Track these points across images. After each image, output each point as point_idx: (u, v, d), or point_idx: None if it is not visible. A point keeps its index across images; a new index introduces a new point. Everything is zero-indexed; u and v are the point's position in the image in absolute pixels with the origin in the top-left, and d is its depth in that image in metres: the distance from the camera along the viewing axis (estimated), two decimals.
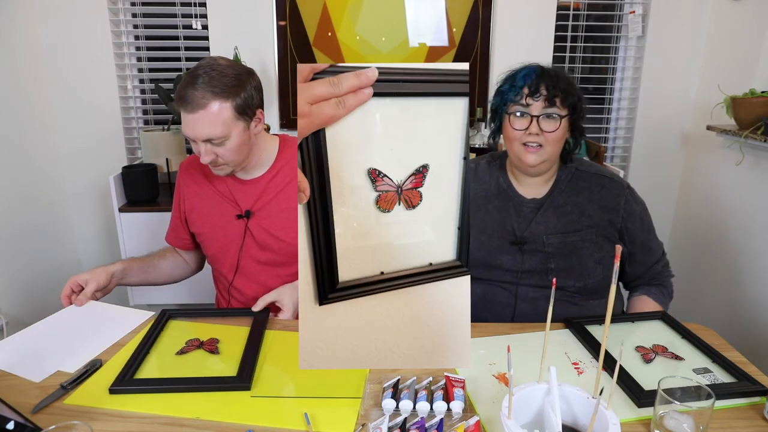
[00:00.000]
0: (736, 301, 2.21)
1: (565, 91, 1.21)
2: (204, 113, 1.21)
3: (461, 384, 0.98)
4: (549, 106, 1.20)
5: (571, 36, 2.55)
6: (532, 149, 1.22)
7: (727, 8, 2.30)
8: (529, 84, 1.21)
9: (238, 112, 1.23)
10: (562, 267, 1.26)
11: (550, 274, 1.26)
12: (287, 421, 0.91)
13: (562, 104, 1.21)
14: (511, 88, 1.23)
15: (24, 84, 2.22)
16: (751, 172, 2.12)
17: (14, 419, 0.82)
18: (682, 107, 2.55)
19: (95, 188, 2.51)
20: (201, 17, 2.40)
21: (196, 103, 1.20)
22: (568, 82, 1.23)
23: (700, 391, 0.86)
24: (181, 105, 1.21)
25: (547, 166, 1.27)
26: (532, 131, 1.20)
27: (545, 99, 1.20)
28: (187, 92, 1.20)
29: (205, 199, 1.42)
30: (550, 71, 1.23)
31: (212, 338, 1.15)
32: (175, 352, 1.11)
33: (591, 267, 1.27)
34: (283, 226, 1.36)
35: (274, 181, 1.37)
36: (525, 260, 1.28)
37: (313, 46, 2.42)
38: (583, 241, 1.27)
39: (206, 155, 1.26)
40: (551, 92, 1.19)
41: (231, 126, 1.24)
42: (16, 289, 2.10)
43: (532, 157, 1.22)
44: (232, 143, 1.25)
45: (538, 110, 1.20)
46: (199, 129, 1.22)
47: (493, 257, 1.29)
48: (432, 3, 2.41)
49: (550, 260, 1.27)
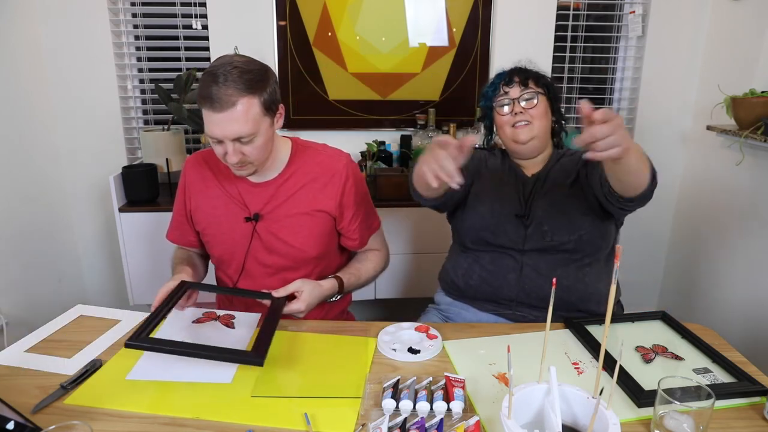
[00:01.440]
0: (736, 301, 2.21)
1: (536, 76, 1.41)
2: (233, 111, 1.16)
3: (461, 384, 0.98)
4: (525, 88, 1.38)
5: (571, 36, 2.55)
6: (521, 126, 1.37)
7: (727, 8, 2.30)
8: (503, 77, 1.42)
9: (265, 108, 1.21)
10: (556, 225, 1.35)
11: (547, 236, 1.35)
12: (287, 421, 0.91)
13: (536, 85, 1.39)
14: (491, 86, 1.44)
15: (24, 84, 2.22)
16: (751, 172, 2.12)
17: (14, 419, 0.83)
18: (682, 107, 2.55)
19: (95, 188, 2.51)
20: (201, 17, 2.40)
21: (225, 101, 1.15)
22: (538, 72, 1.43)
23: (700, 391, 0.87)
24: (208, 104, 1.16)
25: (537, 143, 1.40)
26: (517, 110, 1.37)
27: (519, 83, 1.39)
28: (212, 91, 1.15)
29: (212, 198, 1.39)
30: (520, 66, 1.44)
31: (228, 314, 1.16)
32: (191, 320, 1.11)
33: (580, 218, 1.34)
34: (292, 231, 1.35)
35: (285, 186, 1.35)
36: (527, 233, 1.37)
37: (313, 46, 2.42)
38: (566, 197, 1.37)
39: (234, 155, 1.21)
40: (523, 77, 1.39)
41: (259, 123, 1.20)
42: (16, 289, 2.10)
43: (522, 132, 1.37)
44: (260, 140, 1.22)
45: (516, 93, 1.38)
46: (229, 128, 1.18)
47: (502, 226, 1.39)
48: (432, 3, 2.41)
49: (543, 224, 1.36)
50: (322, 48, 2.43)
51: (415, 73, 2.48)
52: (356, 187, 1.39)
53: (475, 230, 1.42)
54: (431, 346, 1.13)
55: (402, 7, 2.40)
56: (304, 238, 1.34)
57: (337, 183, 1.36)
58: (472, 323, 1.26)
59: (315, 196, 1.36)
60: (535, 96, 1.37)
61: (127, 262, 2.19)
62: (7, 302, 2.03)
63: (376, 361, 1.10)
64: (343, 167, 1.37)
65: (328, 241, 1.41)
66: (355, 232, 1.42)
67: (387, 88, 2.50)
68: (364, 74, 2.47)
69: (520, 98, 1.37)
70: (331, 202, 1.36)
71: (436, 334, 1.17)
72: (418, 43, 2.45)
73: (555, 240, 1.34)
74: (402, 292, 2.30)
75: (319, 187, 1.36)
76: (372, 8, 2.38)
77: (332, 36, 2.41)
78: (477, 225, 1.42)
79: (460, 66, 2.48)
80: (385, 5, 2.39)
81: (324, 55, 2.44)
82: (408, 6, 2.40)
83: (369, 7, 2.38)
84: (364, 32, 2.42)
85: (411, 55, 2.46)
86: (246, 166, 1.26)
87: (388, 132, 2.53)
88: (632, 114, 2.63)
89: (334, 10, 2.38)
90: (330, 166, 1.37)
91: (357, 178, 1.40)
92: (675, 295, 2.67)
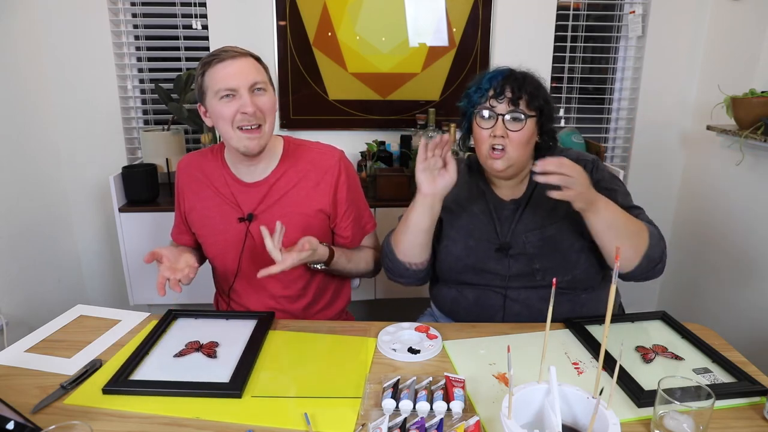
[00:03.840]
0: (736, 301, 2.21)
1: (531, 93, 1.21)
2: (247, 60, 1.24)
3: (461, 384, 0.98)
4: (514, 108, 1.20)
5: (571, 36, 2.55)
6: (496, 155, 1.22)
7: (727, 8, 2.30)
8: (494, 86, 1.22)
9: (269, 76, 1.29)
10: (548, 265, 1.26)
11: (537, 275, 1.26)
12: (287, 421, 0.91)
13: (527, 106, 1.21)
14: (477, 90, 1.25)
15: (24, 84, 2.22)
16: (751, 172, 2.12)
17: (14, 419, 0.82)
18: (682, 107, 2.55)
19: (95, 188, 2.51)
20: (201, 17, 2.40)
21: (238, 52, 1.24)
22: (535, 85, 1.23)
23: (700, 391, 0.86)
24: (218, 60, 1.22)
25: (514, 170, 1.26)
26: (497, 133, 1.20)
27: (509, 101, 1.20)
28: (221, 51, 1.23)
29: (204, 199, 1.39)
30: (517, 74, 1.23)
31: (212, 341, 1.15)
32: (173, 354, 1.11)
33: (574, 258, 1.26)
34: (286, 230, 1.35)
35: (278, 185, 1.35)
36: (512, 265, 1.28)
37: (313, 46, 2.42)
38: (560, 233, 1.26)
39: (251, 105, 1.22)
40: (516, 94, 1.20)
41: (268, 82, 1.28)
42: (16, 289, 2.10)
43: (497, 163, 1.22)
44: (271, 98, 1.28)
45: (503, 110, 1.21)
46: (245, 74, 1.22)
47: (482, 262, 1.29)
48: (432, 3, 2.41)
49: (534, 261, 1.26)
50: (322, 48, 2.43)
51: (415, 73, 2.48)
52: (349, 183, 1.38)
53: (456, 272, 1.32)
54: (431, 346, 1.13)
55: (402, 7, 2.40)
56: (299, 237, 1.34)
57: (330, 179, 1.36)
58: (473, 323, 1.26)
59: (308, 194, 1.35)
60: (524, 119, 1.20)
61: (127, 262, 2.19)
62: (7, 302, 2.03)
63: (376, 361, 1.10)
64: (336, 163, 1.37)
65: (323, 240, 1.40)
66: (347, 229, 1.40)
67: (387, 88, 2.50)
68: (364, 74, 2.47)
69: (506, 116, 1.21)
70: (325, 198, 1.36)
71: (436, 334, 1.17)
72: (418, 43, 2.45)
73: (547, 280, 1.25)
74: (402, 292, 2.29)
75: (312, 185, 1.35)
76: (372, 8, 2.38)
77: (332, 36, 2.41)
78: (455, 267, 1.32)
79: (460, 66, 2.48)
80: (385, 5, 2.39)
81: (324, 55, 2.44)
82: (408, 6, 2.40)
83: (369, 7, 2.38)
84: (364, 32, 2.42)
85: (411, 55, 2.46)
86: (259, 129, 1.25)
87: (388, 132, 2.53)
88: (632, 114, 2.63)
89: (334, 10, 2.38)
90: (322, 162, 1.37)
91: (350, 174, 1.40)
92: (675, 295, 2.67)
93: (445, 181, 1.20)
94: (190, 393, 0.98)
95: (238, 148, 1.27)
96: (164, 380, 1.01)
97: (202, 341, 1.15)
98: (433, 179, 1.20)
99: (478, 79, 1.26)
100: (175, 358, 1.10)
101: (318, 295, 1.44)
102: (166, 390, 0.99)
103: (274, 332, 1.22)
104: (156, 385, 1.00)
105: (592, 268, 1.27)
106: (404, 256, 1.29)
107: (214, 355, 1.10)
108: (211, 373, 1.04)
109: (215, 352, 1.11)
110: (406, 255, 1.29)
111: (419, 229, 1.25)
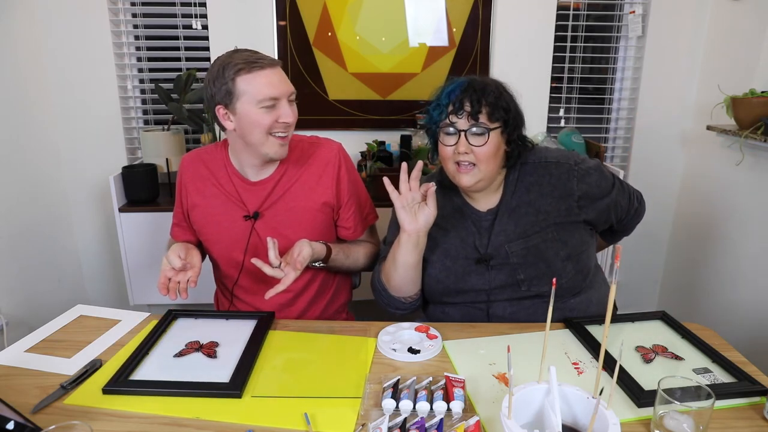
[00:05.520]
0: (736, 301, 2.21)
1: (492, 104, 1.16)
2: (279, 70, 1.25)
3: (461, 384, 0.98)
4: (474, 122, 1.15)
5: (571, 36, 2.55)
6: (464, 169, 1.18)
7: (727, 8, 2.30)
8: (453, 101, 1.17)
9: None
10: (533, 275, 1.22)
11: (522, 285, 1.23)
12: (287, 421, 0.91)
13: (489, 119, 1.16)
14: (436, 107, 1.20)
15: (24, 84, 2.22)
16: (751, 172, 2.12)
17: (14, 419, 0.82)
18: (682, 107, 2.55)
19: (95, 188, 2.51)
20: (201, 17, 2.40)
21: (270, 59, 1.23)
22: (496, 95, 1.17)
23: (700, 391, 0.86)
24: (258, 68, 1.21)
25: (485, 183, 1.22)
26: (460, 150, 1.16)
27: (469, 115, 1.15)
28: (255, 59, 1.21)
29: (209, 197, 1.39)
30: (476, 85, 1.17)
31: (212, 342, 1.15)
32: (173, 354, 1.11)
33: (560, 266, 1.22)
34: (291, 225, 1.36)
35: (282, 182, 1.36)
36: (494, 277, 1.24)
37: (313, 46, 2.42)
38: (545, 241, 1.22)
39: (292, 115, 1.26)
40: (475, 107, 1.15)
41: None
42: (16, 289, 2.10)
43: (465, 178, 1.19)
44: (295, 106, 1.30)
45: (464, 125, 1.16)
46: (285, 82, 1.25)
47: (462, 281, 1.26)
48: (432, 3, 2.41)
49: (518, 271, 1.23)
50: (322, 48, 2.43)
51: (415, 73, 2.48)
52: (349, 174, 1.41)
53: (438, 294, 1.30)
54: (431, 346, 1.13)
55: (402, 7, 2.40)
56: (304, 232, 1.34)
57: (331, 171, 1.38)
58: (473, 323, 1.26)
59: (312, 188, 1.37)
60: (486, 133, 1.15)
61: (127, 262, 2.20)
62: (7, 302, 2.03)
63: (376, 361, 1.10)
64: (335, 155, 1.39)
65: (327, 234, 1.41)
66: (349, 220, 1.42)
67: (387, 88, 2.50)
68: (364, 74, 2.47)
69: (468, 132, 1.16)
70: (329, 191, 1.38)
71: (436, 334, 1.17)
72: (418, 43, 2.45)
73: (532, 291, 1.23)
74: None
75: (315, 179, 1.37)
76: (372, 8, 2.38)
77: (332, 36, 2.41)
78: (436, 288, 1.29)
79: (460, 66, 2.48)
80: (385, 5, 2.39)
81: (324, 55, 2.44)
82: (408, 6, 2.40)
83: (369, 7, 2.38)
84: (364, 32, 2.42)
85: (411, 55, 2.46)
86: (288, 137, 1.30)
87: (388, 132, 2.53)
88: (632, 114, 2.63)
89: (334, 10, 2.38)
90: (322, 156, 1.39)
91: (349, 165, 1.43)
92: (675, 295, 2.67)
93: (426, 216, 1.20)
94: (190, 393, 0.98)
95: (268, 153, 1.28)
96: (164, 380, 1.01)
97: (202, 341, 1.15)
98: (414, 216, 1.21)
99: (437, 95, 1.21)
100: (175, 358, 1.10)
101: (321, 289, 1.46)
102: (166, 390, 0.99)
103: (274, 332, 1.22)
104: (156, 385, 1.00)
105: (578, 275, 1.25)
106: (397, 291, 1.30)
107: (214, 355, 1.11)
108: (211, 373, 1.04)
109: (215, 352, 1.12)
110: (400, 291, 1.29)
111: (408, 266, 1.25)
